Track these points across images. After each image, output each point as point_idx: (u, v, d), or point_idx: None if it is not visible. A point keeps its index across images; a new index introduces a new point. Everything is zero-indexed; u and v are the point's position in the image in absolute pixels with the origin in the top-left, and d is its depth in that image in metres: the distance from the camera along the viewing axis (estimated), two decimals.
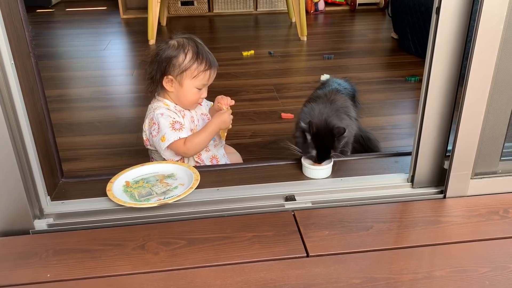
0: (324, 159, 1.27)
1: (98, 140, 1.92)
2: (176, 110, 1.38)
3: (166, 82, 1.34)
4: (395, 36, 3.38)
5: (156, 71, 1.34)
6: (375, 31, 3.84)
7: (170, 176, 1.27)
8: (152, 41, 3.31)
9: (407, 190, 1.23)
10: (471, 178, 1.19)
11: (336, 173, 1.29)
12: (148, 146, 1.41)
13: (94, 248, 1.04)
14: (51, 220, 1.13)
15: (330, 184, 1.25)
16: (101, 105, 2.31)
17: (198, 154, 1.40)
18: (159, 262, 1.00)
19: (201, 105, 1.44)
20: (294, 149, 1.33)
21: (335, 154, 1.28)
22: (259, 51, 3.17)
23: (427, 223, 1.11)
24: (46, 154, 1.19)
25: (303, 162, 1.29)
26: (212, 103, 1.49)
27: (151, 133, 1.36)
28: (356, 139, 1.58)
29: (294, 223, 1.11)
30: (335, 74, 2.58)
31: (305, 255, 1.01)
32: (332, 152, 1.27)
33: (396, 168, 1.31)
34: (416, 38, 2.97)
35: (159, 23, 3.62)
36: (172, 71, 1.32)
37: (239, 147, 1.71)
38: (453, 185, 1.18)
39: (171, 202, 1.14)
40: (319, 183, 1.26)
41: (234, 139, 1.85)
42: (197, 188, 1.19)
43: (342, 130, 1.26)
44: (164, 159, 1.37)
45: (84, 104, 2.34)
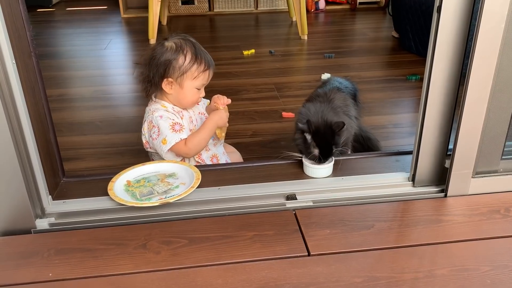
0: (328, 157, 1.26)
1: (99, 140, 1.92)
2: (174, 111, 1.37)
3: (165, 85, 1.34)
4: (395, 35, 3.37)
5: (155, 74, 1.33)
6: (376, 30, 3.83)
7: (171, 175, 1.27)
8: (152, 40, 3.31)
9: (408, 189, 1.23)
10: (472, 177, 1.19)
11: (337, 172, 1.29)
12: (148, 149, 1.41)
13: (96, 247, 1.04)
14: (52, 220, 1.14)
15: (331, 183, 1.25)
16: (102, 104, 2.32)
17: (198, 154, 1.40)
18: (161, 261, 1.00)
19: (198, 104, 1.45)
20: (295, 155, 1.33)
21: (337, 150, 1.28)
22: (260, 50, 3.16)
23: (428, 222, 1.11)
24: (47, 154, 1.19)
25: (304, 161, 1.29)
26: (208, 101, 1.49)
27: (151, 136, 1.35)
28: (356, 139, 1.58)
29: (295, 222, 1.11)
30: (335, 73, 2.58)
31: (306, 254, 1.01)
32: (334, 149, 1.27)
33: (397, 167, 1.31)
34: (417, 36, 2.96)
35: (159, 22, 3.61)
36: (172, 74, 1.32)
37: (240, 146, 1.71)
38: (454, 184, 1.19)
39: (172, 201, 1.15)
40: (320, 182, 1.26)
41: (235, 138, 1.85)
42: (198, 187, 1.19)
43: (341, 125, 1.26)
44: None
45: (85, 104, 2.34)
